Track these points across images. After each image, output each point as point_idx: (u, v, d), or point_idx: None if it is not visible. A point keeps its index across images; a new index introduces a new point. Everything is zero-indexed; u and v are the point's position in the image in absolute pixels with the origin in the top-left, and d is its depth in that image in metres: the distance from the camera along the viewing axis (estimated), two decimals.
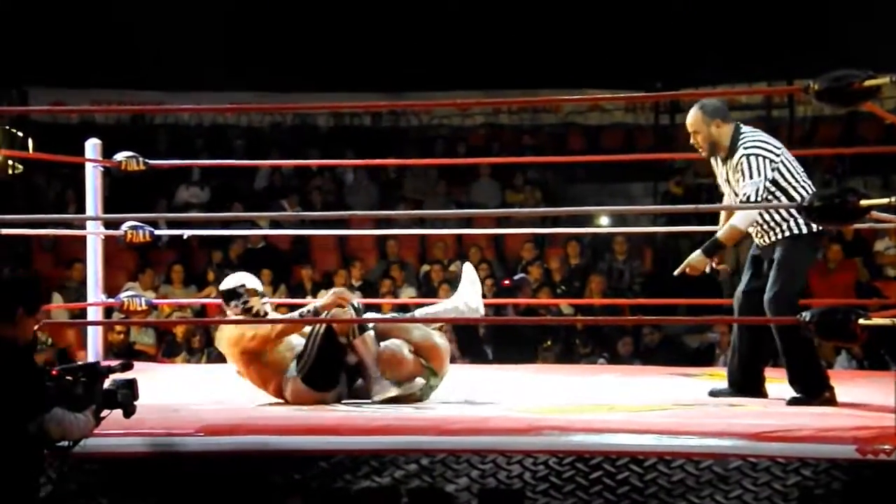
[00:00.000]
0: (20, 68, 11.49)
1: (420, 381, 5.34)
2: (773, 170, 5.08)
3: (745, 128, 5.25)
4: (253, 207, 12.47)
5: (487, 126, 15.86)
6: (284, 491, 4.26)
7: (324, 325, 5.35)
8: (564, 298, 10.73)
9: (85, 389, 3.96)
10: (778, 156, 5.13)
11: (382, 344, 5.39)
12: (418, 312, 5.71)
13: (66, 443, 3.92)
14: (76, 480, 4.32)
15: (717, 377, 6.54)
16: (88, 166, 6.58)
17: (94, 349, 6.79)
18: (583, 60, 14.17)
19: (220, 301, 5.66)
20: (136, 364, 4.39)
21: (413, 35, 14.50)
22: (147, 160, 6.52)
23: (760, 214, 5.10)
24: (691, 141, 5.37)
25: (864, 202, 4.17)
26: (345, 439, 4.33)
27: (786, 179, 5.10)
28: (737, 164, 5.18)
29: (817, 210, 4.22)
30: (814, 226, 5.00)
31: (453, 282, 11.32)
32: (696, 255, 5.24)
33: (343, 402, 5.36)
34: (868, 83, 4.20)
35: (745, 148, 5.16)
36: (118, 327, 10.18)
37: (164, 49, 13.60)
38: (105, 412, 4.04)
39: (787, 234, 5.10)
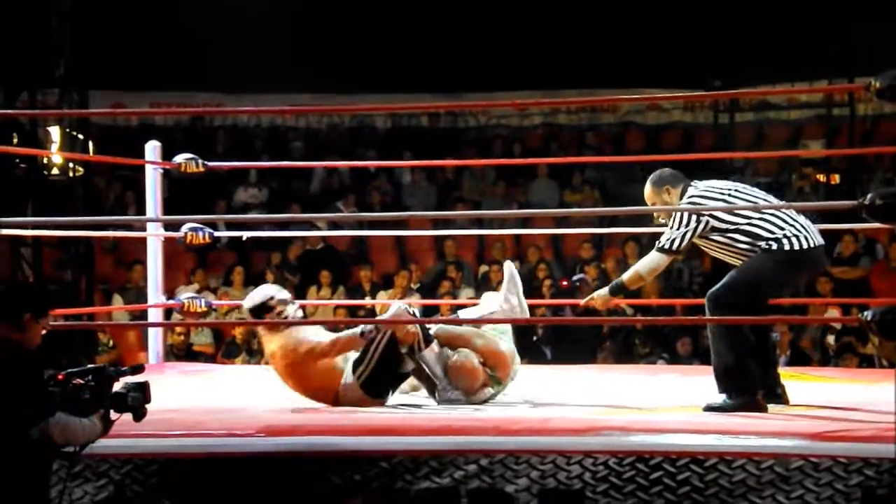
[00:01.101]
0: (80, 71, 11.61)
1: (489, 390, 5.34)
2: (703, 221, 5.06)
3: (696, 184, 5.25)
4: (311, 209, 12.53)
5: (545, 126, 15.82)
6: (344, 492, 4.27)
7: (386, 338, 5.31)
8: (623, 298, 10.66)
9: (92, 393, 3.91)
10: (721, 203, 5.11)
11: (452, 354, 5.36)
12: (461, 314, 5.71)
13: (72, 448, 3.91)
14: (138, 482, 4.36)
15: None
16: (148, 168, 6.65)
17: (154, 350, 6.86)
18: (641, 60, 14.09)
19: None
20: (196, 365, 4.43)
21: (471, 35, 14.49)
22: (206, 162, 6.57)
23: (729, 246, 5.09)
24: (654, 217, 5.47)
25: None
26: (405, 440, 4.35)
27: (742, 216, 5.06)
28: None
29: (880, 208, 4.17)
30: (795, 244, 5.00)
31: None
32: (603, 293, 5.37)
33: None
34: None
35: (684, 204, 5.19)
36: (178, 328, 10.28)
37: (224, 51, 13.70)
38: (115, 416, 3.99)
39: (757, 251, 5.06)
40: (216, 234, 6.77)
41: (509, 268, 5.79)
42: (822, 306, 9.97)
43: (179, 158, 6.55)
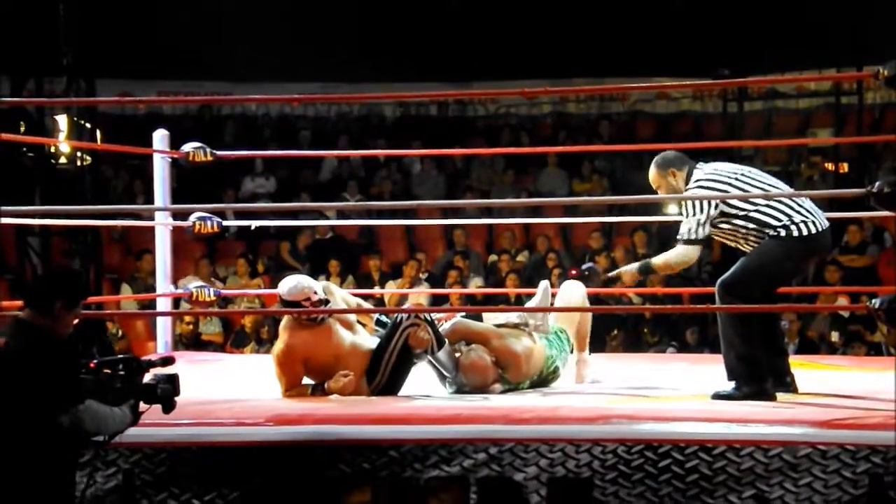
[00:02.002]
0: (88, 59, 11.61)
1: (498, 387, 5.34)
2: (714, 204, 5.04)
3: (702, 166, 5.20)
4: (319, 198, 12.53)
5: (555, 115, 15.81)
6: (353, 480, 4.28)
7: (399, 346, 5.29)
8: (631, 287, 10.66)
9: (123, 383, 3.93)
10: (727, 186, 5.08)
11: (465, 349, 5.36)
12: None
13: (101, 437, 3.93)
14: (147, 471, 4.37)
15: None
16: (156, 157, 6.65)
17: (163, 340, 6.86)
18: (650, 49, 14.07)
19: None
20: (205, 354, 4.44)
21: (479, 24, 14.48)
22: (214, 151, 6.57)
23: (737, 232, 5.08)
24: None
25: None
26: (414, 429, 4.35)
27: (750, 202, 5.03)
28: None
29: (887, 196, 4.16)
30: (804, 230, 4.97)
31: (521, 272, 11.33)
32: (631, 269, 5.29)
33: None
34: None
35: (688, 189, 5.16)
36: (187, 318, 10.30)
37: (232, 39, 13.70)
38: (143, 407, 4.01)
39: (765, 238, 5.03)
40: (224, 223, 6.77)
41: (544, 286, 5.79)
42: (830, 295, 9.97)
43: (187, 147, 6.54)
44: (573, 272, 5.86)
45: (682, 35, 13.94)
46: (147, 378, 3.98)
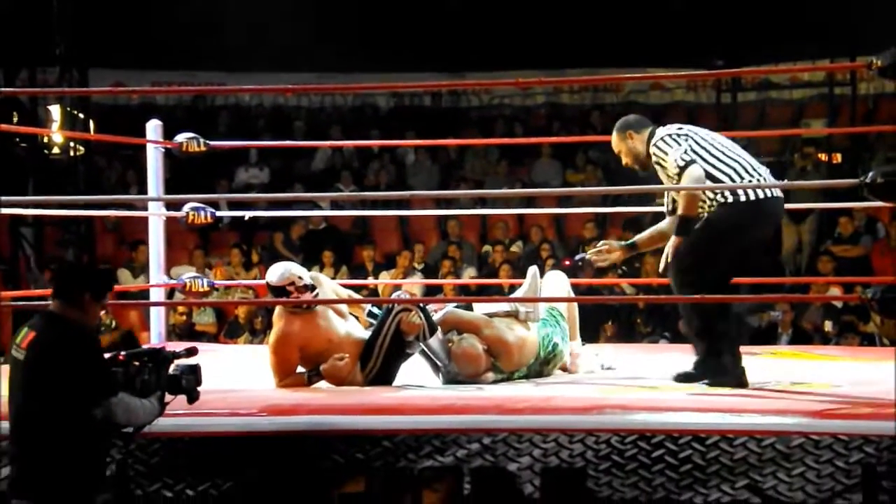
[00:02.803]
0: (81, 49, 11.58)
1: (490, 375, 5.35)
2: (687, 144, 4.98)
3: (661, 128, 5.16)
4: (313, 188, 12.52)
5: (548, 105, 15.80)
6: (347, 470, 4.29)
7: (391, 331, 5.31)
8: (625, 278, 10.68)
9: (150, 375, 3.99)
10: (687, 136, 5.04)
11: (457, 339, 5.36)
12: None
13: (129, 428, 3.98)
14: (141, 461, 4.37)
15: (780, 356, 6.51)
16: (149, 147, 6.64)
17: (156, 330, 6.86)
18: (644, 39, 14.05)
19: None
20: (199, 345, 4.43)
21: (473, 14, 14.46)
22: (207, 141, 6.56)
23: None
24: (623, 163, 5.31)
25: None
26: (408, 419, 4.36)
27: (701, 157, 4.97)
28: (655, 160, 5.12)
29: (880, 187, 4.17)
30: (751, 194, 4.89)
31: (516, 262, 11.33)
32: (673, 240, 5.04)
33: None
34: None
35: (653, 143, 5.11)
36: (180, 308, 10.29)
37: (226, 30, 13.67)
38: (169, 398, 4.07)
39: (720, 202, 4.95)
40: (218, 213, 6.76)
41: (532, 272, 5.79)
42: (823, 285, 9.99)
43: (181, 138, 6.54)
44: (566, 263, 5.89)
45: (676, 26, 13.93)
46: (171, 369, 4.06)
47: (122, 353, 4.06)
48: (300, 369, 5.30)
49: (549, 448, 4.18)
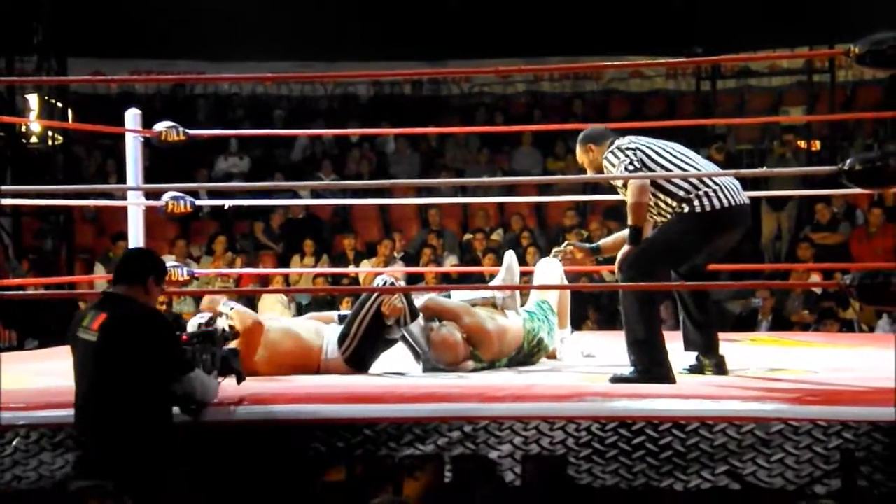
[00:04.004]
0: (59, 38, 11.51)
1: (470, 364, 5.35)
2: (636, 156, 4.93)
3: (618, 139, 5.09)
4: (293, 177, 12.50)
5: (529, 94, 15.81)
6: (328, 459, 4.29)
7: (372, 312, 5.32)
8: (605, 266, 10.68)
9: (208, 355, 4.21)
10: (637, 149, 4.97)
11: (437, 326, 5.37)
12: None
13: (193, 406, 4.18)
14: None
15: (760, 342, 6.54)
16: (128, 137, 6.59)
17: None
18: (624, 27, 14.07)
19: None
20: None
21: (453, 3, 14.44)
22: (187, 130, 6.54)
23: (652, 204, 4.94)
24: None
25: None
26: (388, 407, 4.35)
27: (653, 172, 4.91)
28: (606, 173, 5.10)
29: (858, 174, 4.18)
30: (707, 205, 4.87)
31: (497, 250, 11.34)
32: (625, 249, 4.97)
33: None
34: None
35: (604, 156, 5.07)
36: (160, 297, 10.25)
37: (205, 18, 13.61)
38: (220, 378, 4.28)
39: (672, 214, 4.94)
40: (198, 202, 6.74)
41: (509, 257, 5.80)
42: (803, 272, 10.03)
43: (160, 127, 6.50)
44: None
45: (655, 13, 13.95)
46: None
47: (185, 333, 4.25)
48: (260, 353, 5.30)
49: (530, 436, 4.19)
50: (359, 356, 5.34)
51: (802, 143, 13.04)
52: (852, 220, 11.62)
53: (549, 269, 5.83)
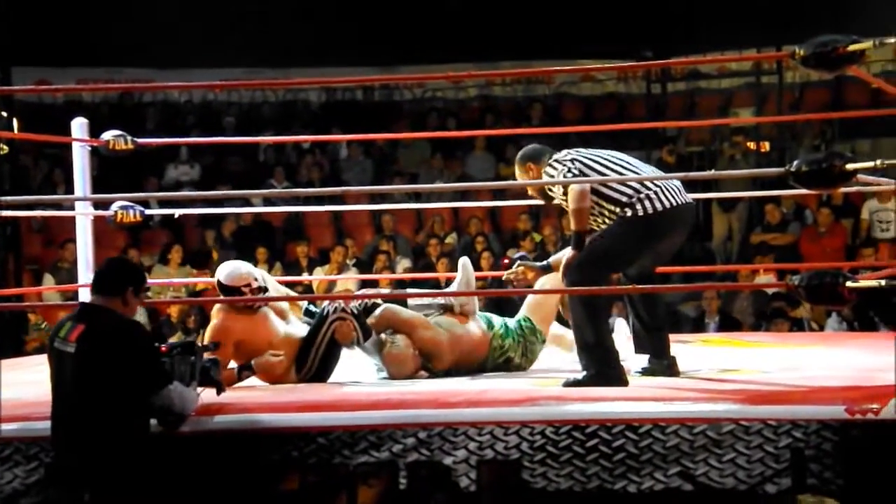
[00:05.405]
0: (3, 47, 11.38)
1: (424, 374, 5.35)
2: (575, 166, 4.95)
3: (556, 154, 5.09)
4: (244, 185, 12.44)
5: (481, 98, 15.83)
6: (282, 468, 4.27)
7: (327, 337, 5.33)
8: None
9: (187, 366, 4.19)
10: (574, 160, 4.98)
11: (389, 340, 5.35)
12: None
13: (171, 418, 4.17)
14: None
15: (711, 344, 6.58)
16: (76, 146, 6.53)
17: None
18: (574, 31, 14.13)
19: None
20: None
21: (405, 7, 14.43)
22: (135, 139, 6.49)
23: (595, 213, 4.95)
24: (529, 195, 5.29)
25: (850, 166, 4.17)
26: (342, 415, 4.34)
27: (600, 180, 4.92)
28: (547, 188, 5.11)
29: (805, 175, 4.22)
30: (649, 207, 4.87)
31: (451, 255, 11.34)
32: (569, 253, 4.95)
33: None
34: (853, 47, 4.19)
35: (543, 171, 5.07)
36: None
37: (152, 25, 13.51)
38: (199, 389, 4.26)
39: (615, 219, 4.95)
40: (147, 212, 6.69)
41: (463, 262, 5.78)
42: (749, 274, 10.12)
43: (107, 136, 6.45)
44: (505, 261, 5.88)
45: (605, 17, 14.03)
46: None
47: (164, 345, 4.24)
48: (232, 364, 5.27)
49: (485, 441, 4.19)
50: (317, 379, 5.37)
51: (752, 145, 13.16)
52: (802, 220, 11.72)
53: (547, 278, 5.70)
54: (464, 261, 5.79)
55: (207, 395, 4.39)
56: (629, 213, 4.92)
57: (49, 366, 4.14)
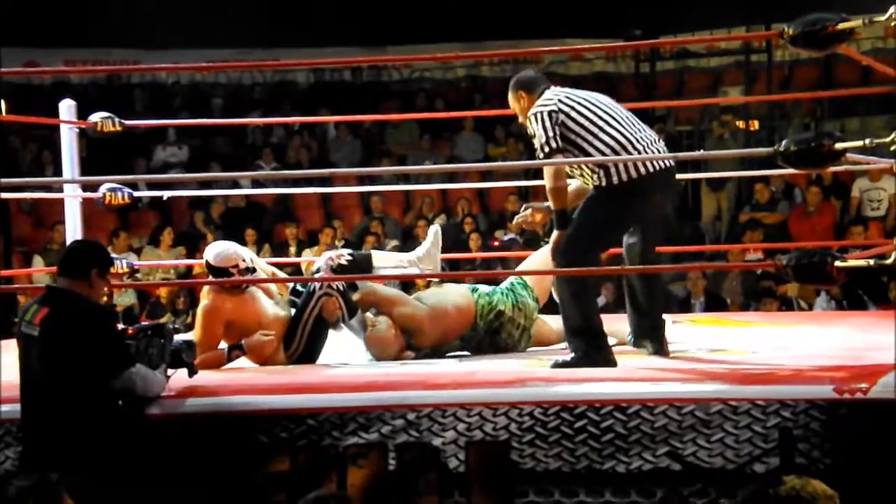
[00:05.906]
0: None
1: (410, 353, 5.35)
2: (557, 123, 4.80)
3: (549, 91, 4.96)
4: (232, 166, 12.42)
5: (469, 78, 15.80)
6: (271, 450, 4.27)
7: (314, 315, 5.34)
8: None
9: (156, 349, 4.17)
10: (557, 116, 4.82)
11: (371, 321, 5.35)
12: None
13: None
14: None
15: (700, 323, 6.59)
16: (63, 128, 6.51)
17: None
18: (563, 10, 14.11)
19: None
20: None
21: None
22: (123, 120, 6.47)
23: (577, 168, 4.88)
24: (519, 121, 5.09)
25: (839, 145, 4.17)
26: (331, 397, 4.34)
27: (575, 133, 4.82)
28: (530, 131, 4.94)
29: (793, 155, 4.21)
30: (624, 174, 4.77)
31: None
32: (556, 235, 4.89)
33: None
34: (841, 26, 4.18)
35: (529, 113, 4.90)
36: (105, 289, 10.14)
37: (140, 6, 13.46)
38: (170, 372, 4.25)
39: (595, 184, 4.86)
40: (135, 193, 6.68)
41: (434, 229, 5.77)
42: (739, 253, 10.13)
43: (95, 117, 6.43)
44: (496, 243, 5.89)
45: None
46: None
47: (132, 327, 4.24)
48: (222, 345, 5.27)
49: (473, 422, 4.19)
50: (305, 357, 5.38)
51: (741, 124, 13.16)
52: (791, 200, 11.73)
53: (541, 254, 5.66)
54: (434, 228, 5.79)
55: (179, 377, 4.38)
56: (604, 180, 4.81)
57: (17, 349, 4.14)
